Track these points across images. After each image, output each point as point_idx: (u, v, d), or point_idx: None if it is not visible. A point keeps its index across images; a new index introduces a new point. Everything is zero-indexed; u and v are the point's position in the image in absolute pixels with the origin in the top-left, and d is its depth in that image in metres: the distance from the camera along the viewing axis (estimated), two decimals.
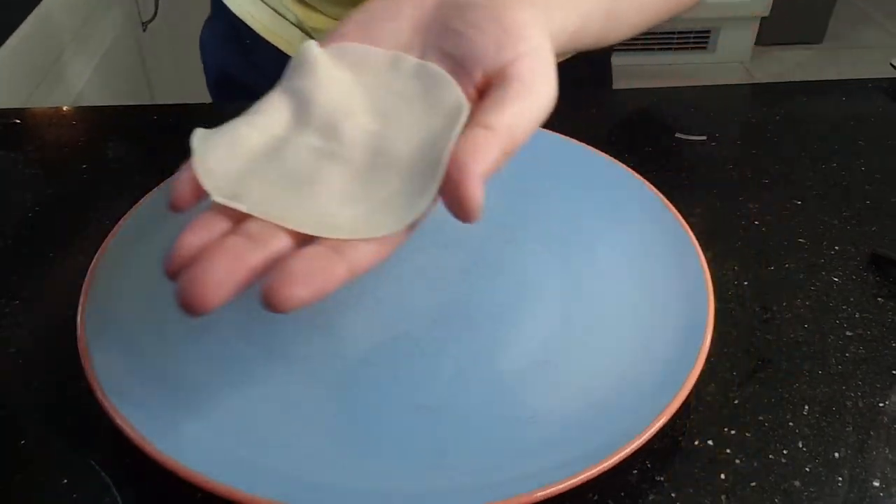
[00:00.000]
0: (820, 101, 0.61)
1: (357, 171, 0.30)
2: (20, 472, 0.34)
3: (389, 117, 0.31)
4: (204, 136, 0.31)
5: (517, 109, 0.30)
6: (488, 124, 0.29)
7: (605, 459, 0.31)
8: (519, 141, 0.29)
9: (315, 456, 0.33)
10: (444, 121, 0.30)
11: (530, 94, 0.30)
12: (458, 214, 0.28)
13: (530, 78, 0.30)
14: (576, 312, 0.40)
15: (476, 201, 0.27)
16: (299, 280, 0.26)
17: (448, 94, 0.31)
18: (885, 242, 0.46)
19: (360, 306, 0.40)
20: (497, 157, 0.28)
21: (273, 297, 0.26)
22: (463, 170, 0.27)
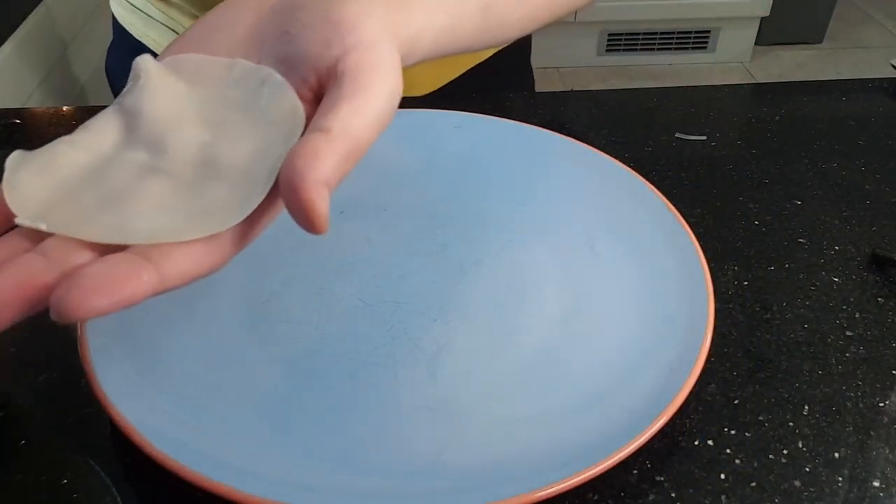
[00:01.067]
0: (820, 101, 0.61)
1: (182, 184, 0.28)
2: (20, 472, 0.34)
3: (223, 127, 0.30)
4: (19, 157, 0.29)
5: (353, 108, 0.28)
6: (324, 127, 0.27)
7: (605, 459, 0.31)
8: (362, 141, 0.28)
9: (315, 456, 0.33)
10: (279, 127, 0.29)
11: (365, 91, 0.28)
12: (302, 224, 0.26)
13: (364, 73, 0.29)
14: (575, 312, 0.40)
15: (318, 209, 0.25)
16: (94, 286, 0.24)
17: (282, 99, 0.30)
18: (886, 242, 0.46)
19: (360, 306, 0.41)
20: (338, 162, 0.27)
21: (59, 306, 0.23)
22: (300, 177, 0.26)
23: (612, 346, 0.38)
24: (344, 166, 0.27)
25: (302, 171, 0.26)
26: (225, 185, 0.28)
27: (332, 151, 0.26)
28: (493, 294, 0.41)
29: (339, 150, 0.27)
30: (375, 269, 0.43)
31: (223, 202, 0.28)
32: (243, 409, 0.35)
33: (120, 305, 0.24)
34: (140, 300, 0.25)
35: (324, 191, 0.26)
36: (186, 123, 0.30)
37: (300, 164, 0.26)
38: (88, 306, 0.23)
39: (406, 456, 0.33)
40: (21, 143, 0.56)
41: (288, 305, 0.41)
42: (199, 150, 0.29)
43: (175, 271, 0.26)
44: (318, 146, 0.26)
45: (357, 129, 0.27)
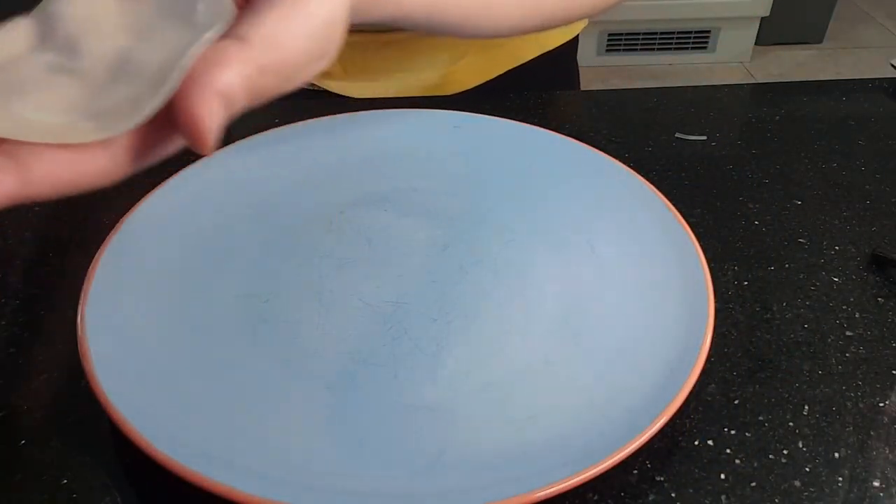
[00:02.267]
0: (820, 101, 0.61)
1: (91, 85, 0.26)
2: (20, 472, 0.34)
3: (145, 33, 0.27)
4: None
5: (279, 17, 0.24)
6: (239, 35, 0.24)
7: (604, 459, 0.31)
8: (286, 57, 0.24)
9: (315, 456, 0.33)
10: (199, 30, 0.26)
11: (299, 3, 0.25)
12: (186, 137, 0.23)
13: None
14: (575, 312, 0.40)
15: (201, 122, 0.22)
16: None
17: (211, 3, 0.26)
18: (886, 242, 0.46)
19: (360, 306, 0.40)
20: (248, 74, 0.23)
21: None
22: (195, 82, 0.22)
23: (611, 346, 0.38)
24: (257, 81, 0.23)
25: (195, 76, 0.22)
26: (133, 88, 0.25)
27: (241, 61, 0.23)
28: (493, 294, 0.41)
29: (251, 60, 0.23)
30: (375, 269, 0.43)
31: (121, 106, 0.24)
32: (243, 409, 0.35)
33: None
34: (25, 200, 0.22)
35: (215, 101, 0.22)
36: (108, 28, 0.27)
37: (197, 70, 0.23)
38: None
39: (406, 456, 0.33)
40: None
41: (288, 305, 0.41)
42: (118, 54, 0.26)
43: (43, 174, 0.23)
44: (226, 54, 0.23)
45: (281, 41, 0.24)
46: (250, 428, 0.34)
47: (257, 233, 0.45)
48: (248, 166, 0.49)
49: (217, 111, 0.22)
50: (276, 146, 0.50)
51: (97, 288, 0.39)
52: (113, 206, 0.49)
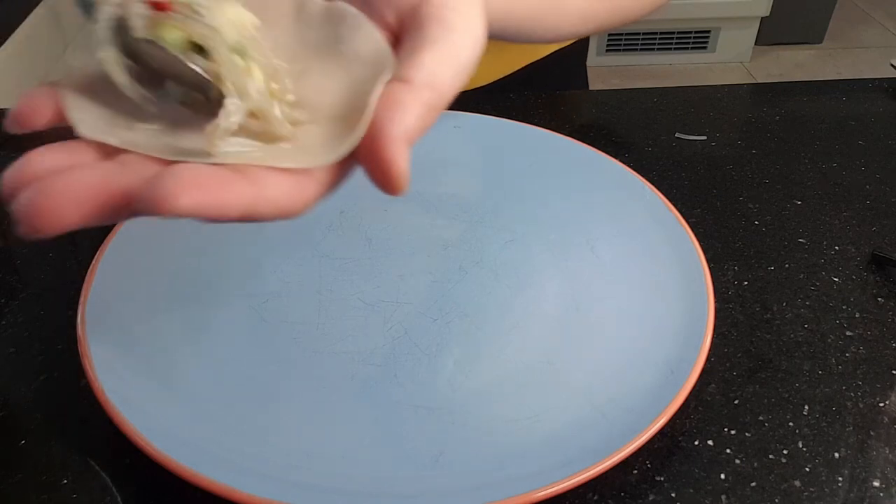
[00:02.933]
0: (820, 101, 0.61)
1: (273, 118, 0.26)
2: (20, 472, 0.34)
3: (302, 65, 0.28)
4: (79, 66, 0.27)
5: (437, 57, 0.25)
6: (406, 77, 0.25)
7: (605, 459, 0.31)
8: (445, 92, 0.25)
9: (314, 456, 0.33)
10: (367, 66, 0.27)
11: (451, 37, 0.26)
12: (379, 182, 0.24)
13: (449, 17, 0.26)
14: (575, 312, 0.40)
15: (397, 167, 0.23)
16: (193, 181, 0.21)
17: (361, 35, 0.28)
18: (886, 242, 0.46)
19: (360, 306, 0.40)
20: (420, 114, 0.24)
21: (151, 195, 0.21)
22: (381, 132, 0.23)
23: (611, 346, 0.38)
24: (426, 119, 0.25)
25: (382, 125, 0.24)
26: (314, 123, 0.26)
27: (415, 105, 0.24)
28: (493, 294, 0.41)
29: (421, 102, 0.24)
30: (375, 269, 0.43)
31: (316, 139, 0.26)
32: (243, 409, 0.35)
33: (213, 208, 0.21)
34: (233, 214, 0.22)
35: (404, 147, 0.24)
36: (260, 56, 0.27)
37: (380, 118, 0.24)
38: (184, 199, 0.21)
39: (406, 456, 0.33)
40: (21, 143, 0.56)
41: (288, 305, 0.41)
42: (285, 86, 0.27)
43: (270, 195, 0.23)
44: (400, 98, 0.24)
45: (441, 79, 0.25)
46: (250, 428, 0.34)
47: (257, 233, 0.45)
48: None
49: (405, 154, 0.24)
50: None
51: (97, 288, 0.39)
52: None
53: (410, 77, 0.25)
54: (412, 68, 0.25)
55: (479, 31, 0.27)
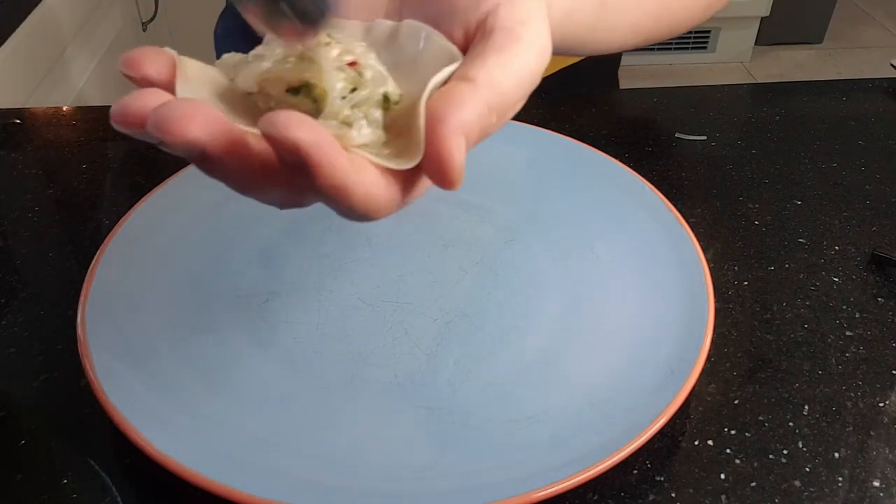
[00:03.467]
0: (820, 101, 0.61)
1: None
2: (20, 472, 0.34)
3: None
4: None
5: (501, 60, 0.26)
6: (468, 77, 0.25)
7: (605, 459, 0.31)
8: (509, 96, 0.26)
9: (314, 456, 0.33)
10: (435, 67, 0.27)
11: (516, 43, 0.26)
12: (434, 174, 0.24)
13: (516, 26, 0.27)
14: (575, 312, 0.40)
15: (452, 158, 0.23)
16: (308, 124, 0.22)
17: (433, 45, 0.28)
18: (886, 242, 0.46)
19: (360, 306, 0.40)
20: (480, 112, 0.24)
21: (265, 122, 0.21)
22: (438, 123, 0.23)
23: (612, 346, 0.38)
24: (487, 119, 0.25)
25: (439, 115, 0.24)
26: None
27: (474, 100, 0.24)
28: (493, 294, 0.41)
29: (481, 100, 0.25)
30: (375, 269, 0.43)
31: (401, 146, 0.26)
32: (243, 409, 0.35)
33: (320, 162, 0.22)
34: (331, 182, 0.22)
35: (460, 139, 0.24)
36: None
37: (439, 109, 0.24)
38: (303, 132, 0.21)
39: (406, 456, 0.33)
40: (22, 144, 0.57)
41: (288, 305, 0.41)
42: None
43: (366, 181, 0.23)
44: (460, 93, 0.24)
45: (503, 82, 0.25)
46: (250, 428, 0.34)
47: (257, 233, 0.45)
48: None
49: (460, 148, 0.23)
50: None
51: (97, 288, 0.39)
52: (113, 206, 0.49)
53: (472, 76, 0.25)
54: (475, 69, 0.25)
55: (545, 44, 0.28)
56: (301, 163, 0.22)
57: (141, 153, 0.56)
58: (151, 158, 0.54)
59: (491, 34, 0.27)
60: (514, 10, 0.27)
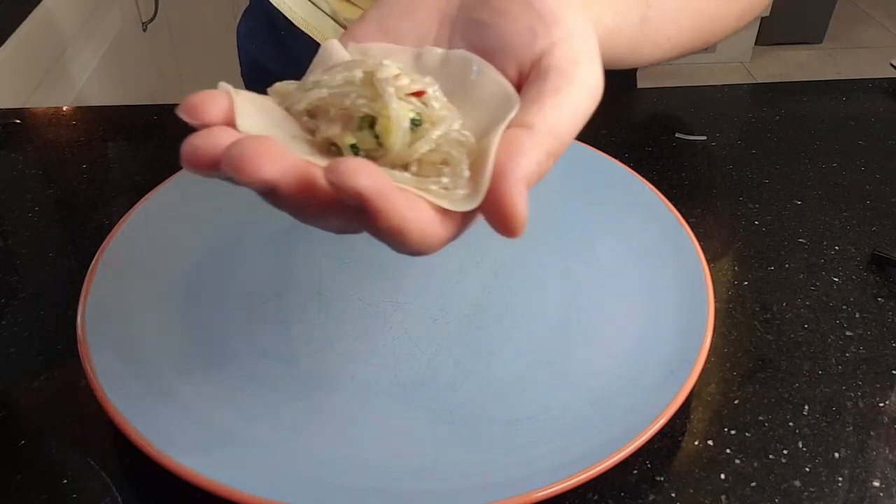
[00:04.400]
0: (820, 101, 0.61)
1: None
2: (20, 472, 0.34)
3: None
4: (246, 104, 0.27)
5: (558, 105, 0.26)
6: (527, 123, 0.26)
7: (605, 459, 0.31)
8: (565, 140, 0.26)
9: (314, 456, 0.33)
10: (489, 112, 0.27)
11: (572, 86, 0.27)
12: (498, 226, 0.25)
13: (570, 67, 0.27)
14: (576, 312, 0.40)
15: (517, 209, 0.24)
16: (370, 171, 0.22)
17: (487, 81, 0.28)
18: (886, 243, 0.46)
19: (360, 306, 0.40)
20: (540, 160, 0.25)
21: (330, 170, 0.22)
22: (503, 176, 0.24)
23: (612, 346, 0.38)
24: (545, 165, 0.26)
25: (503, 167, 0.24)
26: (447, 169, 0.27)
27: (534, 149, 0.25)
28: (493, 294, 0.41)
29: (541, 147, 0.25)
30: (375, 269, 0.43)
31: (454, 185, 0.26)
32: (242, 409, 0.35)
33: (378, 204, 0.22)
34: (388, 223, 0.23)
35: (523, 190, 0.24)
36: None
37: (502, 160, 0.24)
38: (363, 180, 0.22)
39: (406, 456, 0.33)
40: (21, 144, 0.57)
41: (288, 305, 0.41)
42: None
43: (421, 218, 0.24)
44: (522, 143, 0.25)
45: (560, 126, 0.26)
46: (250, 428, 0.34)
47: (257, 233, 0.45)
48: None
49: (523, 198, 0.24)
50: None
51: (97, 288, 0.39)
52: (113, 206, 0.49)
53: (532, 124, 0.26)
54: (534, 115, 0.26)
55: (598, 82, 0.28)
56: (361, 207, 0.22)
57: (141, 153, 0.56)
58: (151, 158, 0.54)
59: (546, 76, 0.27)
60: (568, 50, 0.27)
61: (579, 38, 0.28)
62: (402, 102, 0.26)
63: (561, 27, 0.28)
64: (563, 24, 0.28)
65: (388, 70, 0.26)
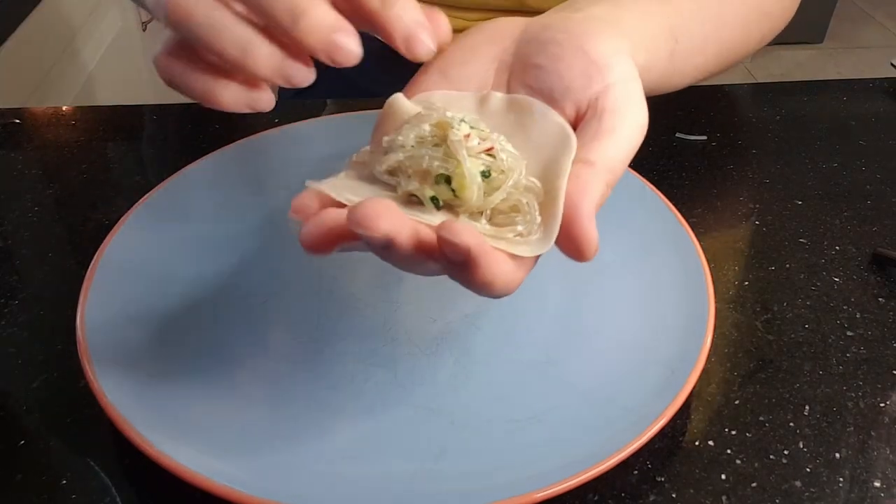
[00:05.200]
0: (820, 100, 0.61)
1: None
2: (19, 473, 0.34)
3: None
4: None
5: (615, 142, 0.29)
6: (589, 160, 0.28)
7: (605, 460, 0.31)
8: (619, 173, 0.29)
9: (314, 456, 0.33)
10: (552, 150, 0.29)
11: (624, 125, 0.30)
12: (573, 255, 0.27)
13: (623, 108, 0.30)
14: (576, 312, 0.40)
15: (593, 241, 0.27)
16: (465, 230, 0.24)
17: (548, 122, 0.30)
18: (886, 242, 0.46)
19: (360, 306, 0.40)
20: (603, 193, 0.28)
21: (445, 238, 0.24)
22: (576, 209, 0.27)
23: (612, 346, 0.38)
24: (605, 197, 0.28)
25: (576, 205, 0.27)
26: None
27: (599, 184, 0.28)
28: None
29: (603, 182, 0.28)
30: (375, 269, 0.43)
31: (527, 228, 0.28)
32: (242, 409, 0.35)
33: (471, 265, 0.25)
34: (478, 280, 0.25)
35: (593, 221, 0.27)
36: None
37: (574, 198, 0.27)
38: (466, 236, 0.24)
39: (406, 456, 0.33)
40: (22, 144, 0.56)
41: (288, 305, 0.41)
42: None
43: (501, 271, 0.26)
44: (587, 179, 0.28)
45: (615, 161, 0.29)
46: (250, 428, 0.34)
47: (257, 233, 0.45)
48: (248, 166, 0.49)
49: (593, 228, 0.27)
50: (276, 146, 0.50)
51: (97, 288, 0.39)
52: (113, 206, 0.49)
53: (594, 160, 0.28)
54: (594, 152, 0.29)
55: (646, 121, 0.31)
56: (465, 262, 0.25)
57: (141, 153, 0.56)
58: (151, 158, 0.54)
59: (602, 115, 0.30)
60: (621, 93, 0.30)
61: (629, 82, 0.31)
62: (473, 159, 0.27)
63: (614, 72, 0.30)
64: (615, 70, 0.31)
65: (459, 133, 0.28)
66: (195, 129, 0.56)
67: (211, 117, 0.58)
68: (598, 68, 0.30)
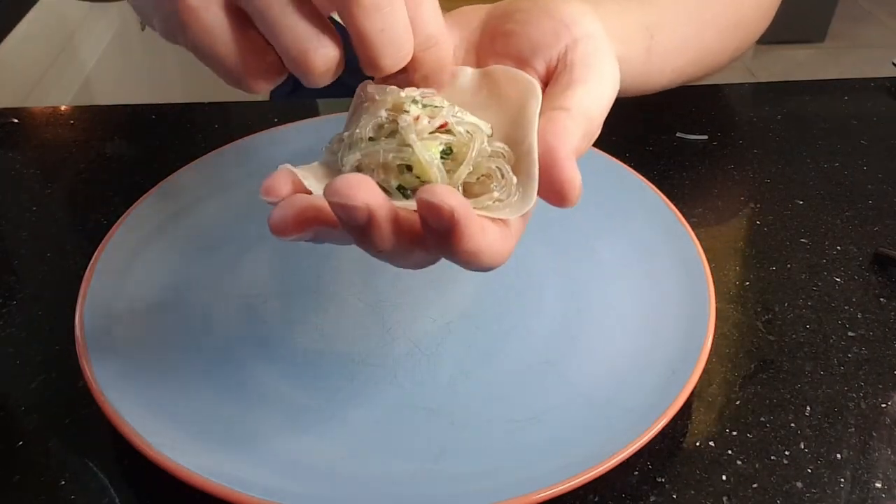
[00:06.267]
0: (822, 100, 0.61)
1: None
2: (18, 473, 0.34)
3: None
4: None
5: (586, 90, 0.29)
6: (563, 106, 0.28)
7: (605, 460, 0.31)
8: (595, 123, 0.29)
9: (314, 457, 0.33)
10: (517, 103, 0.30)
11: (595, 75, 0.30)
12: (556, 201, 0.27)
13: (592, 60, 0.30)
14: (576, 313, 0.40)
15: (575, 182, 0.26)
16: (458, 200, 0.24)
17: (511, 78, 0.31)
18: (888, 242, 0.46)
19: (360, 306, 0.40)
20: (581, 136, 0.28)
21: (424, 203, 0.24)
22: (553, 153, 0.27)
23: (612, 346, 0.38)
24: (583, 145, 0.28)
25: (551, 144, 0.27)
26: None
27: (576, 128, 0.28)
28: (493, 294, 0.41)
29: (579, 126, 0.28)
30: (375, 269, 0.43)
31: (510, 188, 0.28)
32: (241, 410, 0.35)
33: (461, 235, 0.24)
34: (465, 249, 0.25)
35: (574, 163, 0.27)
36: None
37: (548, 139, 0.27)
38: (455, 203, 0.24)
39: (406, 457, 0.33)
40: (20, 143, 0.56)
41: (288, 305, 0.40)
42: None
43: (490, 240, 0.26)
44: (563, 122, 0.28)
45: (591, 109, 0.29)
46: (249, 428, 0.34)
47: (257, 233, 0.45)
48: (247, 166, 0.49)
49: (575, 169, 0.26)
50: (275, 146, 0.50)
51: (95, 288, 0.39)
52: (112, 206, 0.49)
53: (567, 106, 0.28)
54: (568, 99, 0.29)
55: (617, 75, 0.31)
56: (449, 229, 0.24)
57: (140, 153, 0.56)
58: (150, 158, 0.54)
59: (573, 67, 0.30)
60: (589, 46, 0.31)
61: (596, 38, 0.31)
62: (428, 142, 0.27)
63: (579, 28, 0.31)
64: (580, 26, 0.31)
65: (409, 117, 0.27)
66: (194, 129, 0.56)
67: (211, 118, 0.57)
68: (564, 25, 0.31)
